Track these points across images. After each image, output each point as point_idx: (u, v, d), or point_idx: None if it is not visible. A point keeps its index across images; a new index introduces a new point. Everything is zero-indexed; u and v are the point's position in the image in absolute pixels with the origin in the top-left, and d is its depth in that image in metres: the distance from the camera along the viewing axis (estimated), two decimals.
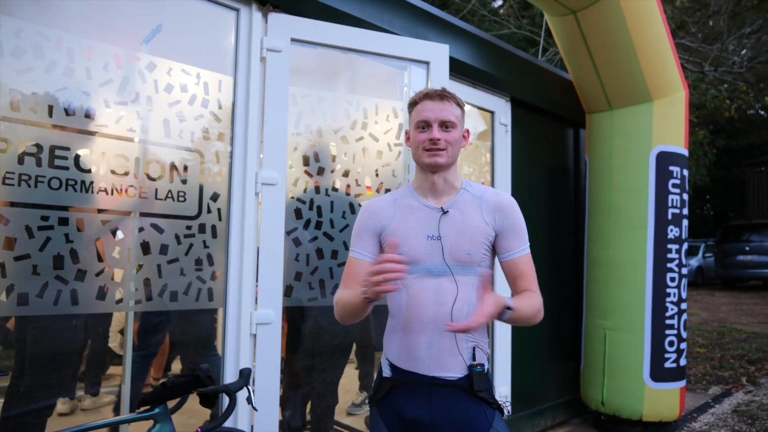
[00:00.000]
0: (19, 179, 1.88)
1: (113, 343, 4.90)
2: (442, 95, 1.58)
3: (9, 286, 1.85)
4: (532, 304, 1.55)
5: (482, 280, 1.54)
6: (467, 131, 1.67)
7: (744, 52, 13.78)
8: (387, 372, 1.59)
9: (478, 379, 1.49)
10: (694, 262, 16.20)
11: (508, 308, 1.45)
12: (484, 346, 1.56)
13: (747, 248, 14.06)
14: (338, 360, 2.96)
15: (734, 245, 14.32)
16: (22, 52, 1.90)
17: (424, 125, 1.57)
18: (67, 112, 2.00)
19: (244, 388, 1.98)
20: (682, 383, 3.97)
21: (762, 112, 23.72)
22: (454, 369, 1.51)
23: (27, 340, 2.15)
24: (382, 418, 1.57)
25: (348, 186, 2.72)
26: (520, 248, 1.60)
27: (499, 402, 1.55)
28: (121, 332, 4.05)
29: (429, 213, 1.58)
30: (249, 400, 1.97)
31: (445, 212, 1.56)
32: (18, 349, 2.21)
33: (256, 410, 2.10)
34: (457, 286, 1.52)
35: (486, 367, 1.54)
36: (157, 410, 1.87)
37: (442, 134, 1.55)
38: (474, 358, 1.52)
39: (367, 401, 3.93)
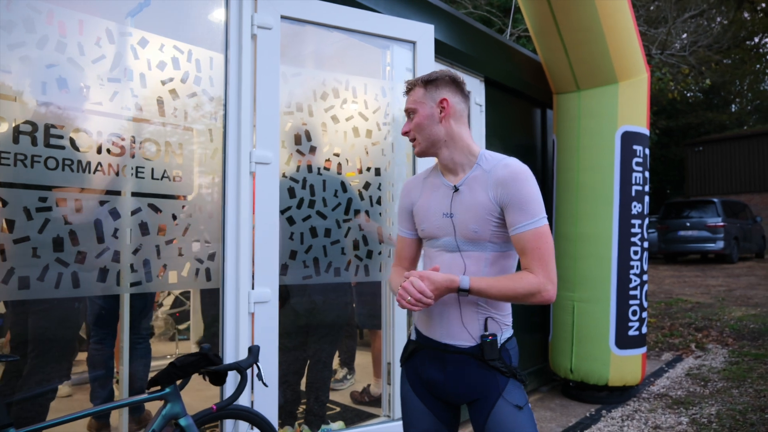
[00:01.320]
0: (15, 159, 1.81)
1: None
2: (408, 88, 1.67)
3: (9, 269, 1.79)
4: (508, 286, 1.49)
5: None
6: (444, 100, 1.58)
7: (684, 36, 14.44)
8: (413, 336, 1.69)
9: (488, 349, 1.53)
10: None
11: (462, 290, 1.47)
12: (500, 317, 1.59)
13: (688, 224, 14.88)
14: (332, 336, 3.00)
15: (676, 221, 15.14)
16: (13, 25, 1.81)
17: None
18: (61, 88, 1.93)
19: (254, 365, 2.01)
20: (644, 349, 4.24)
21: (699, 95, 25.00)
22: (462, 338, 1.57)
23: (29, 325, 2.08)
24: (406, 376, 1.68)
25: (339, 165, 2.74)
26: (522, 223, 1.50)
27: (514, 370, 1.58)
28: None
29: (445, 191, 1.62)
30: (259, 377, 2.01)
31: (456, 190, 1.60)
32: (17, 334, 2.14)
33: (267, 386, 2.12)
34: (465, 262, 1.56)
35: (504, 336, 1.59)
36: (167, 390, 1.88)
37: (408, 125, 1.64)
38: (486, 329, 1.56)
39: (348, 377, 4.00)
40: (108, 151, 2.05)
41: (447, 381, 1.58)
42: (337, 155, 2.74)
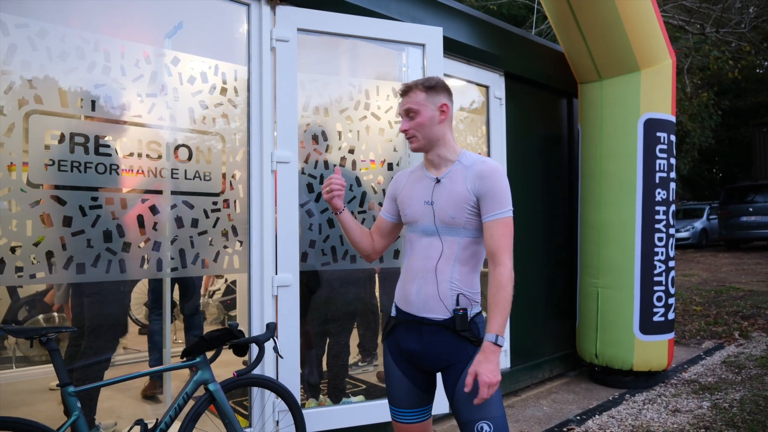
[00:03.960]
0: (71, 166, 2.18)
1: (139, 314, 5.30)
2: (405, 90, 1.86)
3: (69, 257, 2.18)
4: (506, 298, 1.70)
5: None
6: (444, 105, 1.82)
7: (751, 9, 13.66)
8: (393, 312, 1.92)
9: (460, 321, 1.77)
10: (699, 224, 16.38)
11: (498, 344, 1.67)
12: (471, 293, 1.81)
13: (751, 209, 14.18)
14: (350, 318, 3.29)
15: (738, 206, 14.44)
16: (67, 54, 2.18)
17: (401, 119, 1.88)
18: (107, 105, 2.29)
19: (271, 339, 2.31)
20: (671, 335, 4.27)
21: None
22: (438, 311, 1.79)
23: (84, 305, 2.48)
24: (388, 349, 1.91)
25: (354, 162, 3.00)
26: (495, 212, 1.74)
27: (481, 340, 1.78)
28: (145, 305, 4.43)
29: (428, 182, 1.87)
30: (275, 349, 2.31)
31: (438, 181, 1.84)
32: (76, 314, 2.54)
33: (282, 357, 2.43)
34: (443, 244, 1.80)
35: (473, 311, 1.81)
36: (198, 359, 2.21)
37: (409, 123, 1.83)
38: (458, 303, 1.79)
39: (360, 363, 4.24)
40: (147, 156, 2.40)
41: (424, 350, 1.81)
42: (352, 152, 3.00)
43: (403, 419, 1.88)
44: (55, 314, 4.25)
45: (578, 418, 3.66)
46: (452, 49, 3.55)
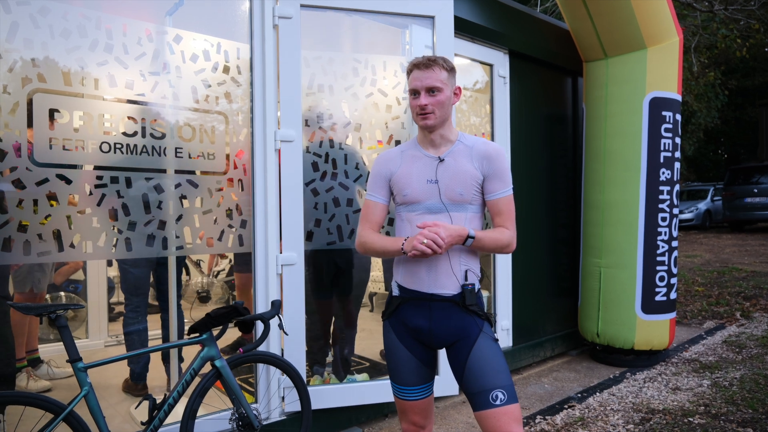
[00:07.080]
0: (75, 144, 2.18)
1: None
2: (428, 63, 1.83)
3: (76, 236, 2.19)
4: (497, 237, 1.84)
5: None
6: (458, 88, 1.92)
7: None
8: (396, 292, 1.93)
9: (469, 295, 1.82)
10: (703, 205, 16.33)
11: (470, 237, 1.77)
12: (476, 270, 1.88)
13: (755, 190, 14.10)
14: (356, 297, 3.31)
15: (742, 187, 14.36)
16: (69, 32, 2.17)
17: (415, 93, 1.85)
18: (111, 83, 2.28)
19: (276, 316, 2.34)
20: (672, 315, 4.30)
21: None
22: (448, 287, 1.83)
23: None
24: (392, 328, 1.92)
25: (360, 139, 2.99)
26: (501, 190, 1.85)
27: (488, 314, 1.87)
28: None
29: (428, 161, 1.88)
30: (280, 326, 2.33)
31: (441, 160, 1.85)
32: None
33: (287, 334, 2.46)
34: (451, 220, 1.84)
35: (477, 286, 1.86)
36: (204, 336, 2.24)
37: (429, 99, 1.82)
38: (466, 279, 1.84)
39: None
40: (152, 135, 2.40)
41: (433, 326, 1.84)
42: (358, 130, 2.99)
43: (409, 396, 1.91)
44: (62, 293, 4.30)
45: (579, 395, 3.70)
46: (456, 26, 3.50)
